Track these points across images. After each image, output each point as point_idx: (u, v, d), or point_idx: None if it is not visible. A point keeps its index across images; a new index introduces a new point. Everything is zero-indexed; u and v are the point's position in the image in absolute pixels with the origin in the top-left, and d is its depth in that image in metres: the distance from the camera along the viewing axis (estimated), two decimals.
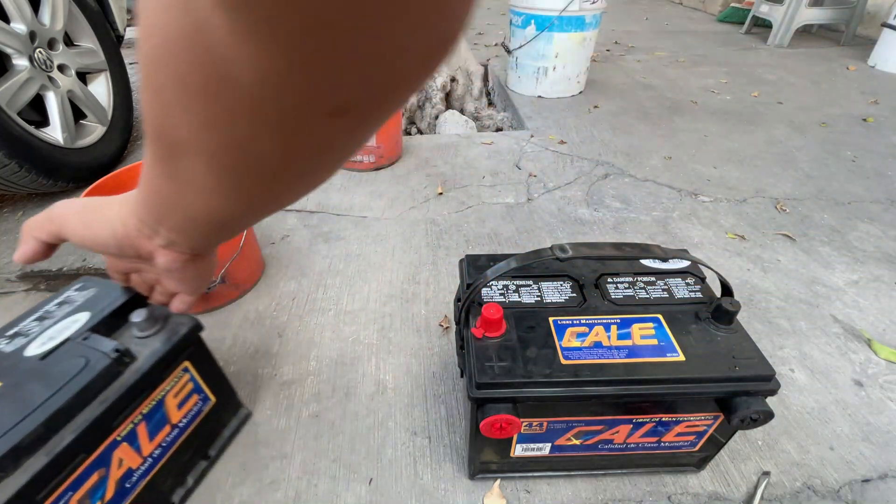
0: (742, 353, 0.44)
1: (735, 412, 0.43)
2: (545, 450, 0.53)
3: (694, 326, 0.48)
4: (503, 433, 0.44)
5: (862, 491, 0.59)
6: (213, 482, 0.60)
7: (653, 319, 0.48)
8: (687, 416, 0.48)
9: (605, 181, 1.29)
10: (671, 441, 0.53)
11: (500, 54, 2.40)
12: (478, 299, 0.50)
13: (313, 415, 0.68)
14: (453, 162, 1.40)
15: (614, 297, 0.51)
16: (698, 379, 0.43)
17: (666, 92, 1.94)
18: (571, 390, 0.43)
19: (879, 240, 1.06)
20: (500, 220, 1.13)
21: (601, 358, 0.45)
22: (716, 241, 1.05)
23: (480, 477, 0.59)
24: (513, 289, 0.52)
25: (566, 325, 0.48)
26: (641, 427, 0.50)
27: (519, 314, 0.49)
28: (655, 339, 0.47)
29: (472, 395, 0.43)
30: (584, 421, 0.49)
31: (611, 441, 0.52)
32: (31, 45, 1.25)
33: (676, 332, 0.47)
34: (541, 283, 0.53)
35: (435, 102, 1.73)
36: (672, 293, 0.52)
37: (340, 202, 1.21)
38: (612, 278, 0.54)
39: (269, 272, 0.97)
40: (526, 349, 0.45)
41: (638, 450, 0.54)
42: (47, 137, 1.26)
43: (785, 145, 1.49)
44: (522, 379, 0.43)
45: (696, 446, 0.54)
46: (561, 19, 1.70)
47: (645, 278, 0.54)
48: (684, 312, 0.49)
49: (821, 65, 2.28)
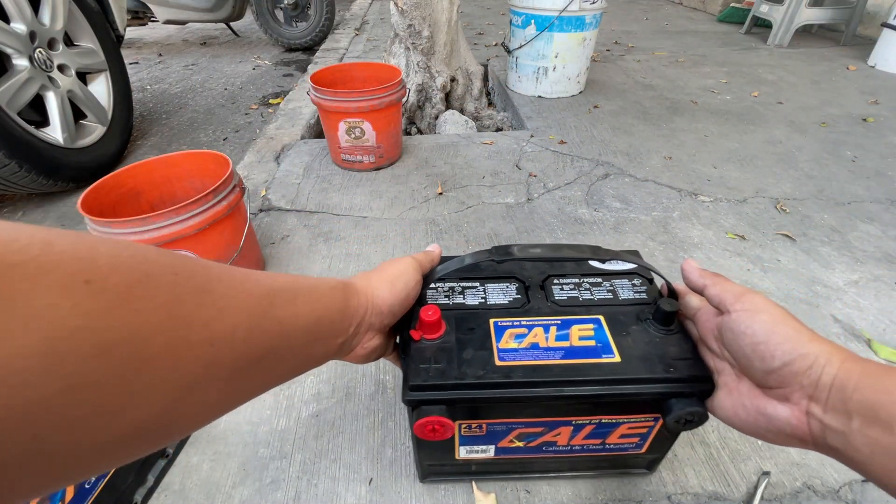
0: (679, 355, 0.43)
1: (670, 413, 0.42)
2: (490, 452, 0.52)
3: (634, 327, 0.47)
4: (437, 435, 0.44)
5: (862, 491, 0.59)
6: (213, 482, 0.60)
7: (593, 321, 0.48)
8: (627, 417, 0.48)
9: (605, 181, 1.29)
10: (616, 443, 0.52)
11: (500, 54, 2.40)
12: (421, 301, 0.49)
13: (313, 415, 0.68)
14: (453, 162, 1.40)
15: (558, 298, 0.51)
16: (632, 380, 0.42)
17: (666, 92, 1.94)
18: (504, 392, 0.43)
19: (879, 240, 1.06)
20: (500, 220, 1.13)
21: (536, 359, 0.44)
22: (716, 241, 1.05)
23: (432, 480, 0.58)
24: (458, 290, 0.52)
25: (506, 327, 0.47)
26: (583, 429, 0.49)
27: (461, 316, 0.48)
28: (594, 340, 0.46)
29: (404, 398, 0.43)
30: (523, 423, 0.48)
31: (554, 443, 0.51)
32: (31, 45, 1.25)
33: (615, 333, 0.46)
34: (487, 285, 0.52)
35: (435, 102, 1.73)
36: (617, 294, 0.51)
37: (340, 202, 1.21)
38: (558, 279, 0.53)
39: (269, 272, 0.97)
40: (463, 351, 0.45)
41: (584, 452, 0.53)
42: (47, 137, 1.26)
43: (785, 145, 1.49)
44: (456, 381, 0.42)
45: (642, 448, 0.53)
46: (561, 19, 1.70)
47: (591, 279, 0.53)
48: (626, 314, 0.48)
49: (821, 65, 2.28)
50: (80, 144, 1.38)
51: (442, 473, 0.58)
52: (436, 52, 1.67)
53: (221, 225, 0.80)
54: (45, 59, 1.29)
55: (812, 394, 0.28)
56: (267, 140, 1.54)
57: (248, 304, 0.24)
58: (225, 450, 0.64)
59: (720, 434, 0.65)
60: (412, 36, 1.60)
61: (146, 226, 0.71)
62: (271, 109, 2.11)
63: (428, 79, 1.69)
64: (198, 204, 0.74)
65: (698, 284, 0.40)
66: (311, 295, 0.31)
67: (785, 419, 0.30)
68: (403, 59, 1.69)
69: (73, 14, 1.40)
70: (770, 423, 0.31)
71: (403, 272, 0.42)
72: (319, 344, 0.32)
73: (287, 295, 0.28)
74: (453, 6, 1.62)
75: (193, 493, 0.59)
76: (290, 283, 0.29)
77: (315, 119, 1.74)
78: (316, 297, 0.31)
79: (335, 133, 1.27)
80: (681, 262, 0.46)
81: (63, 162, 1.30)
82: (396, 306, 0.40)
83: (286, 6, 2.87)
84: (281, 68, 2.73)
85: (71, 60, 1.39)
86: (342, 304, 0.34)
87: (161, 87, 2.38)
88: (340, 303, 0.34)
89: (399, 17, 1.57)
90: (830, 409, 0.27)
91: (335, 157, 1.36)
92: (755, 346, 0.31)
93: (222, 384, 0.23)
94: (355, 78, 1.42)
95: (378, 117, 1.24)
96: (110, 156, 1.50)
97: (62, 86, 1.33)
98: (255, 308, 0.25)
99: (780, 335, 0.30)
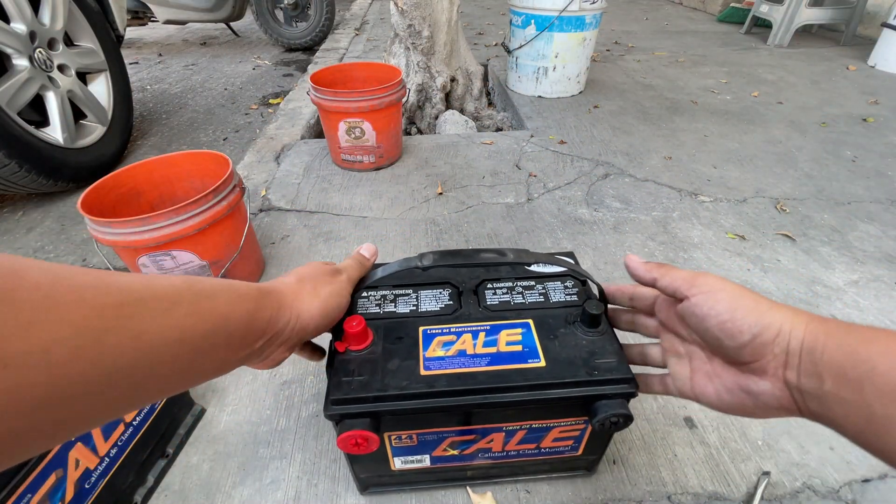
0: (604, 357, 0.43)
1: (595, 416, 0.42)
2: (426, 461, 0.52)
3: (562, 330, 0.46)
4: (361, 449, 0.42)
5: (862, 491, 0.59)
6: (213, 482, 0.60)
7: (523, 325, 0.47)
8: (557, 421, 0.47)
9: (605, 181, 1.29)
10: (551, 447, 0.51)
11: (500, 54, 2.40)
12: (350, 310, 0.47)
13: (313, 415, 0.68)
14: (453, 162, 1.40)
15: (490, 303, 0.50)
16: (556, 384, 0.42)
17: (666, 92, 1.94)
18: (427, 402, 0.42)
19: (879, 240, 1.06)
20: (500, 220, 1.13)
21: (462, 367, 0.43)
22: (716, 241, 1.05)
23: (373, 492, 0.58)
24: (391, 298, 0.50)
25: (435, 335, 0.46)
26: (515, 434, 0.49)
27: (390, 325, 0.47)
28: (521, 345, 0.45)
29: (326, 413, 0.41)
30: (454, 431, 0.47)
31: (489, 450, 0.51)
32: (31, 45, 1.25)
33: (543, 336, 0.46)
34: (420, 292, 0.51)
35: (435, 102, 1.73)
36: (548, 297, 0.50)
37: (340, 202, 1.21)
38: (491, 284, 0.52)
39: (269, 272, 0.97)
40: (389, 361, 0.44)
41: (521, 457, 0.53)
42: (47, 137, 1.26)
43: (785, 145, 1.49)
44: (378, 393, 0.41)
45: (578, 450, 0.53)
46: (561, 19, 1.70)
47: (524, 283, 0.52)
48: (556, 316, 0.48)
49: (821, 65, 2.28)
50: (80, 144, 1.38)
51: (381, 484, 0.57)
52: (436, 52, 1.67)
53: (221, 225, 0.80)
54: (45, 59, 1.29)
55: (785, 361, 0.29)
56: (267, 140, 1.54)
57: (78, 317, 0.21)
58: (225, 450, 0.64)
59: (720, 434, 0.65)
60: (412, 36, 1.60)
61: (146, 226, 0.71)
62: (271, 109, 2.11)
63: (428, 79, 1.69)
64: (198, 204, 0.74)
65: (647, 279, 0.39)
66: (202, 304, 0.27)
67: (769, 392, 0.30)
68: (403, 59, 1.69)
69: (73, 14, 1.40)
70: (756, 400, 0.31)
71: (338, 293, 0.40)
72: (209, 358, 0.28)
73: (162, 304, 0.24)
74: (453, 6, 1.62)
75: (193, 493, 0.59)
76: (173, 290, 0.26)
77: (315, 119, 1.74)
78: (208, 307, 0.27)
79: (335, 133, 1.27)
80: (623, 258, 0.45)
81: (63, 162, 1.30)
82: (323, 327, 0.38)
83: (286, 6, 2.87)
84: (281, 68, 2.73)
85: (71, 60, 1.39)
86: (248, 317, 0.31)
87: (161, 87, 2.38)
88: (247, 315, 0.30)
89: (399, 17, 1.57)
90: (804, 374, 0.28)
91: (335, 157, 1.36)
92: (721, 325, 0.32)
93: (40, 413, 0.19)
94: (355, 78, 1.42)
95: (378, 117, 1.24)
96: (110, 156, 1.50)
97: (62, 86, 1.33)
98: (92, 321, 0.21)
99: (742, 309, 0.31)
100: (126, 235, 0.71)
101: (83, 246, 1.18)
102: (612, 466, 0.61)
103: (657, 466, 0.61)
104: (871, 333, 0.26)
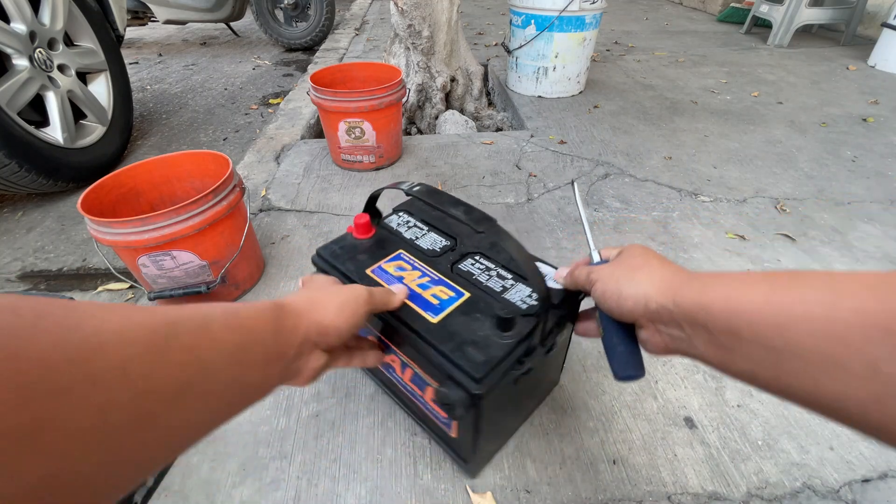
0: (480, 351, 0.45)
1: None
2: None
3: (478, 316, 0.49)
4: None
5: (862, 491, 0.59)
6: (213, 482, 0.60)
7: (459, 294, 0.52)
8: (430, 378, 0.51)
9: (606, 181, 1.29)
10: (432, 408, 0.55)
11: (500, 54, 2.40)
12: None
13: (313, 415, 0.68)
14: (453, 162, 1.40)
15: (461, 267, 0.56)
16: (423, 338, 0.47)
17: (666, 92, 1.94)
18: None
19: (879, 240, 1.06)
20: (501, 219, 1.13)
21: (388, 283, 0.53)
22: (716, 241, 1.05)
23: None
24: (410, 225, 0.63)
25: (401, 258, 0.57)
26: (406, 369, 0.54)
27: (389, 238, 0.61)
28: (439, 301, 0.51)
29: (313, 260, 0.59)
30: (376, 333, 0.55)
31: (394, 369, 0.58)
32: (31, 45, 1.25)
33: (462, 310, 0.50)
34: (430, 232, 0.62)
35: (435, 102, 1.73)
36: (505, 291, 0.52)
37: (340, 202, 1.21)
38: (479, 257, 0.58)
39: (269, 272, 0.97)
40: (361, 254, 0.58)
41: (416, 400, 0.59)
42: (47, 137, 1.26)
43: (785, 145, 1.49)
44: (336, 265, 0.57)
45: (450, 428, 0.55)
46: (561, 19, 1.70)
47: (502, 272, 0.55)
48: (491, 306, 0.50)
49: (821, 65, 2.28)
50: (80, 144, 1.38)
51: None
52: (436, 52, 1.67)
53: (221, 225, 0.80)
54: (45, 59, 1.29)
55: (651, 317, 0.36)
56: (267, 140, 1.54)
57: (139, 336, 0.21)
58: (225, 450, 0.64)
59: (720, 434, 0.65)
60: (412, 36, 1.60)
61: (146, 226, 0.71)
62: (271, 109, 2.11)
63: (428, 79, 1.69)
64: (198, 204, 0.74)
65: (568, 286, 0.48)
66: (230, 320, 0.28)
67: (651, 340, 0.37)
68: (403, 59, 1.69)
69: (73, 14, 1.40)
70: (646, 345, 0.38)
71: (353, 300, 0.41)
72: (253, 371, 0.29)
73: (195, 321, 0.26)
74: (453, 6, 1.62)
75: (193, 493, 0.59)
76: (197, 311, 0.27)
77: (315, 119, 1.74)
78: (237, 322, 0.29)
79: (335, 133, 1.27)
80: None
81: (63, 162, 1.30)
82: (344, 329, 0.39)
83: (286, 6, 2.87)
84: (281, 68, 2.73)
85: (71, 60, 1.39)
86: (274, 326, 0.32)
87: (161, 87, 2.38)
88: (271, 324, 0.32)
89: (399, 17, 1.57)
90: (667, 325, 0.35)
91: (335, 157, 1.36)
92: (603, 304, 0.40)
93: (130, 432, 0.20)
94: (355, 78, 1.42)
95: (378, 117, 1.24)
96: (110, 156, 1.50)
97: (62, 86, 1.33)
98: (152, 338, 0.22)
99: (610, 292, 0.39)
100: (126, 235, 0.71)
101: (83, 246, 1.18)
102: (612, 466, 0.61)
103: (657, 466, 0.61)
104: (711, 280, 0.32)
